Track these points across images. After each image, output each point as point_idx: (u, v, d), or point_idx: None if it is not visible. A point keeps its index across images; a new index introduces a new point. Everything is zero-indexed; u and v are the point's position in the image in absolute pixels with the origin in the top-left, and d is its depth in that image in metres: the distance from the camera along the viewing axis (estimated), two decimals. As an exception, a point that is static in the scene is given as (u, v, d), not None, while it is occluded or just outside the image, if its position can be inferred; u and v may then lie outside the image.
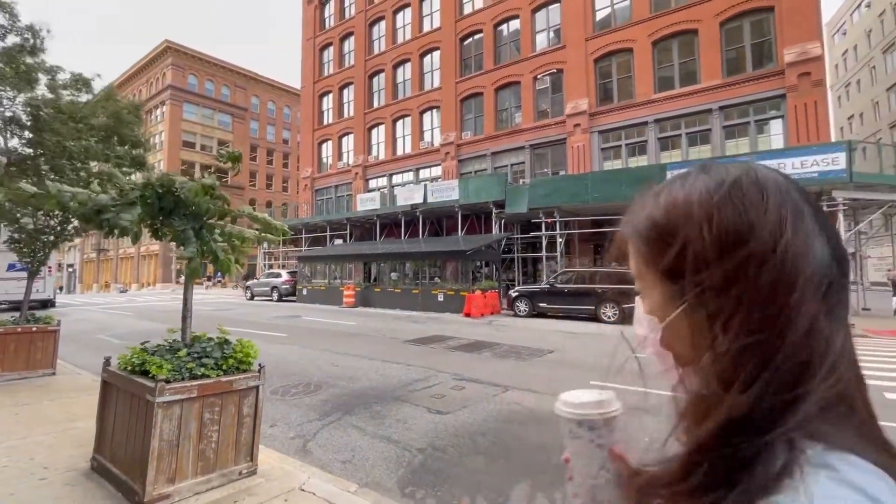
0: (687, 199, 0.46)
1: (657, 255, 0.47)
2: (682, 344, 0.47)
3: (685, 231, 0.44)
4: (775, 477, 0.36)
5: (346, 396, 5.61)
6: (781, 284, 0.40)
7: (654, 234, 0.47)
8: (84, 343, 9.74)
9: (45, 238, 6.89)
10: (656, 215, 0.48)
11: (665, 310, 0.47)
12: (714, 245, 0.42)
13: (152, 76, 46.39)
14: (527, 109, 21.89)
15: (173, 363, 2.94)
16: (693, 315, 0.45)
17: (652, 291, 0.49)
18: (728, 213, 0.43)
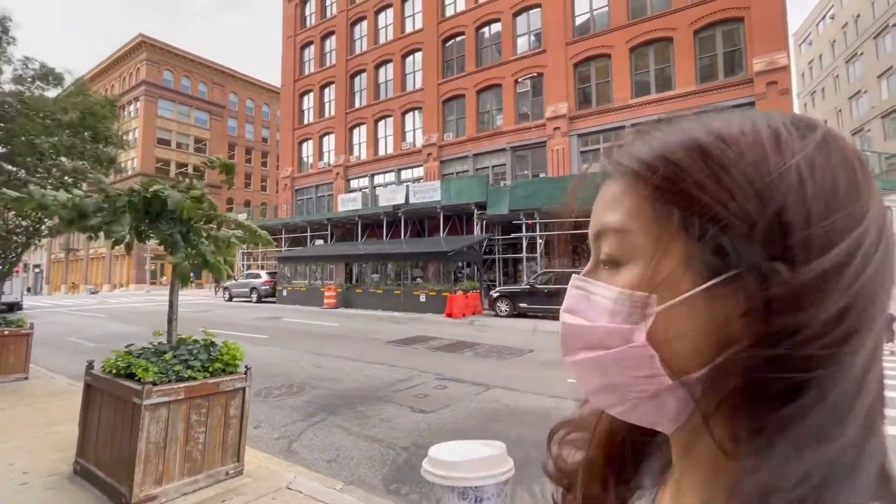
0: (772, 129, 0.32)
1: (693, 198, 0.31)
2: (689, 337, 0.32)
3: (761, 171, 0.30)
4: None
5: (329, 397, 5.66)
6: (882, 282, 0.30)
7: (697, 169, 0.31)
8: (56, 346, 9.48)
9: (17, 239, 6.73)
10: (706, 143, 0.32)
11: (679, 282, 0.32)
12: (813, 201, 0.29)
13: (125, 71, 45.09)
14: (508, 112, 22.16)
15: (160, 366, 2.97)
16: (730, 293, 0.30)
17: (659, 251, 0.33)
18: (831, 165, 0.30)
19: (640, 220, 0.34)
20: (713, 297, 0.31)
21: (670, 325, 0.32)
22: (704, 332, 0.31)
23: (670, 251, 0.32)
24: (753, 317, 0.29)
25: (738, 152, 0.31)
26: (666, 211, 0.32)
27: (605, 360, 0.34)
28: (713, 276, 0.31)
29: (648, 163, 0.34)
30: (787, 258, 0.29)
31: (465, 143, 23.40)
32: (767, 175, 0.30)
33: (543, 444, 0.51)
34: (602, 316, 0.35)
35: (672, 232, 0.32)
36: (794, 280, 0.28)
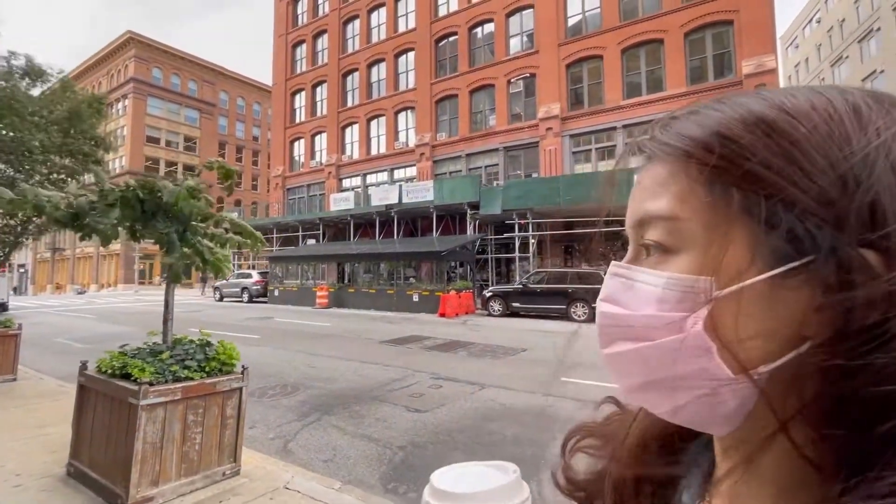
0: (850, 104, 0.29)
1: (758, 178, 0.28)
2: (753, 329, 0.29)
3: (841, 148, 0.27)
4: None
5: (324, 397, 5.65)
6: None
7: (762, 146, 0.29)
8: (43, 347, 9.33)
9: (5, 238, 6.63)
10: (772, 118, 0.29)
11: (742, 269, 0.29)
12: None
13: (113, 68, 44.44)
14: (501, 112, 22.23)
15: (156, 366, 2.95)
16: (802, 283, 0.27)
17: (718, 237, 0.30)
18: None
19: (692, 205, 0.31)
20: (783, 286, 0.28)
21: (732, 314, 0.29)
22: (773, 325, 0.28)
23: (731, 237, 0.29)
24: (832, 311, 0.26)
25: (812, 127, 0.28)
26: (725, 194, 0.29)
27: (651, 352, 0.31)
28: (783, 263, 0.27)
29: (703, 142, 0.31)
30: (877, 247, 0.25)
31: (457, 142, 23.43)
32: (850, 155, 0.27)
33: (539, 442, 0.45)
34: (649, 304, 0.32)
35: (732, 216, 0.29)
36: (889, 271, 0.25)
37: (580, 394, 5.60)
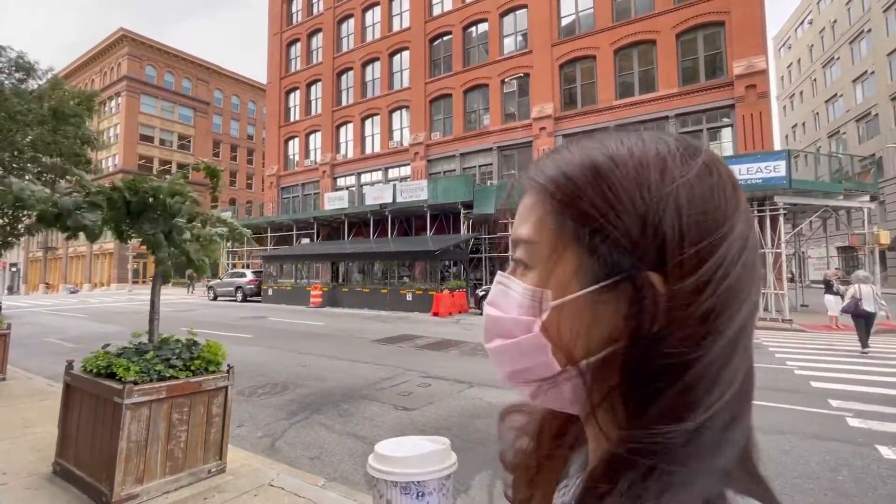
0: (659, 156, 0.36)
1: (583, 213, 0.35)
2: (575, 332, 0.36)
3: (643, 193, 0.34)
4: None
5: (313, 396, 5.69)
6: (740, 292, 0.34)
7: (589, 187, 0.36)
8: (34, 347, 9.31)
9: (-5, 236, 6.61)
10: (600, 164, 0.36)
11: (569, 285, 0.36)
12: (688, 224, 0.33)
13: (106, 66, 44.10)
14: (495, 112, 22.30)
15: (140, 365, 2.98)
16: (612, 298, 0.35)
17: (554, 258, 0.37)
18: (707, 190, 0.35)
19: (543, 231, 0.38)
20: (598, 300, 0.35)
21: (561, 320, 0.37)
22: (591, 330, 0.36)
23: (564, 258, 0.37)
24: (631, 319, 0.34)
25: (625, 174, 0.35)
26: (563, 223, 0.37)
27: (512, 348, 0.39)
28: (597, 282, 0.35)
29: (552, 179, 0.38)
30: (661, 271, 0.33)
31: (452, 142, 23.47)
32: (648, 197, 0.34)
33: None
34: (512, 308, 0.39)
35: (566, 242, 0.37)
36: (667, 291, 0.33)
37: (567, 392, 5.67)
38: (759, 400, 5.37)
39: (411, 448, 0.38)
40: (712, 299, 0.33)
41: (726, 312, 0.33)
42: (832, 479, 3.46)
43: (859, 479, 3.46)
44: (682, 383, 0.32)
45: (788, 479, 3.47)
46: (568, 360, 0.37)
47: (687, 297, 0.33)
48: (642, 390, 0.33)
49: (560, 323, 0.37)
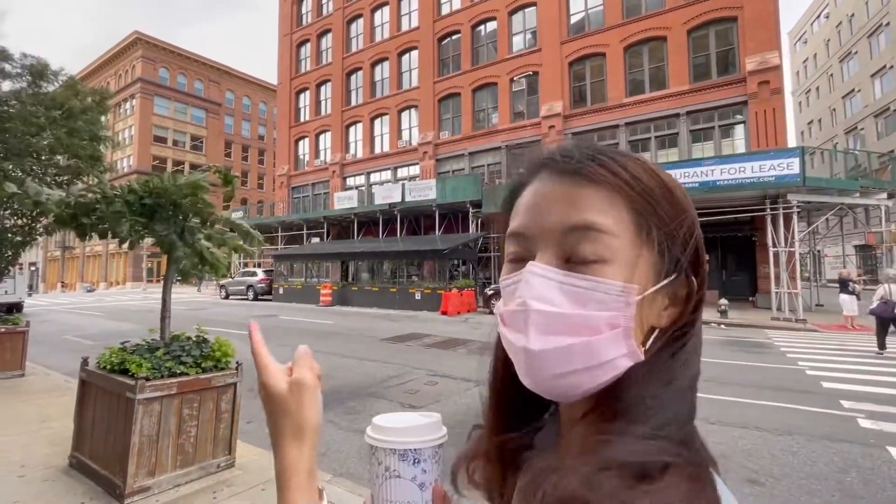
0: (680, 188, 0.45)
1: (661, 218, 0.41)
2: (644, 324, 0.41)
3: (689, 210, 0.43)
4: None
5: (321, 393, 5.76)
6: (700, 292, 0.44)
7: (663, 198, 0.42)
8: (52, 344, 9.55)
9: (13, 238, 6.80)
10: (665, 181, 0.43)
11: (645, 282, 0.40)
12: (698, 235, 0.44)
13: (121, 68, 44.87)
14: (503, 110, 22.25)
15: (152, 362, 3.06)
16: (667, 294, 0.43)
17: (635, 254, 0.40)
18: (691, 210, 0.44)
19: (623, 227, 0.40)
20: (659, 293, 0.42)
21: (641, 313, 0.40)
22: (648, 317, 0.42)
23: (643, 256, 0.40)
24: (672, 312, 0.43)
25: (680, 193, 0.44)
26: (643, 225, 0.41)
27: (589, 345, 0.38)
28: (666, 277, 0.42)
29: (631, 182, 0.41)
30: (696, 276, 0.43)
31: (460, 141, 23.48)
32: (691, 213, 0.44)
33: None
34: (586, 305, 0.39)
35: (643, 242, 0.40)
36: (697, 285, 0.43)
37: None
38: (769, 400, 5.34)
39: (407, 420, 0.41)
40: (702, 297, 0.44)
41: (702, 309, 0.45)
42: (840, 481, 3.43)
43: (868, 481, 3.42)
44: (681, 357, 0.42)
45: (795, 479, 3.44)
46: (639, 350, 0.41)
47: (699, 291, 0.43)
48: (663, 365, 0.41)
49: (640, 315, 0.41)
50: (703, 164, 14.35)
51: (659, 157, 18.20)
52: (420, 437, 0.51)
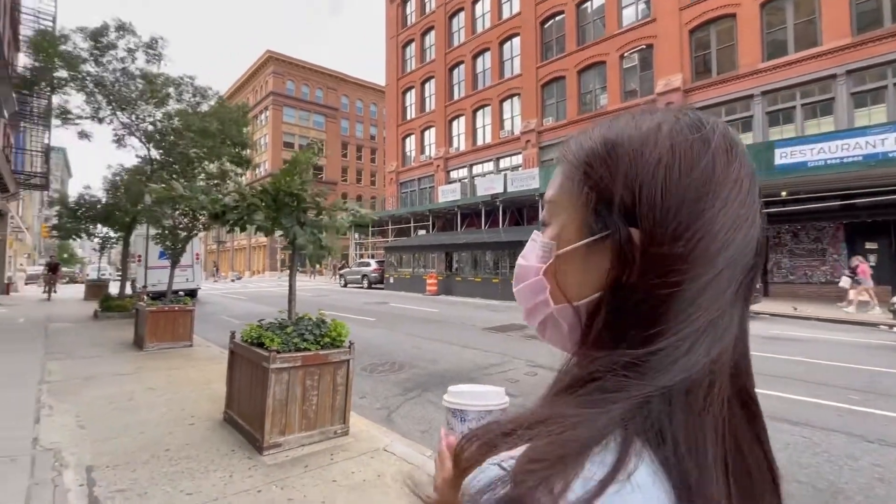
0: (659, 132, 0.41)
1: (591, 178, 0.42)
2: (571, 279, 0.43)
3: (635, 164, 0.40)
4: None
5: (426, 376, 6.09)
6: (716, 251, 0.37)
7: (598, 158, 0.42)
8: (211, 322, 11.46)
9: (181, 233, 8.29)
10: (609, 139, 0.42)
11: (572, 238, 0.43)
12: (667, 190, 0.38)
13: (257, 84, 51.50)
14: (613, 90, 20.80)
15: (282, 337, 3.55)
16: (605, 250, 0.40)
17: (565, 217, 0.44)
18: (694, 162, 0.39)
19: (561, 193, 0.46)
20: (592, 252, 0.42)
21: (563, 267, 0.44)
22: (584, 276, 0.43)
23: (572, 216, 0.44)
24: (614, 268, 0.40)
25: (625, 148, 0.41)
26: (579, 189, 0.43)
27: (526, 289, 0.48)
28: (591, 236, 0.42)
29: (573, 150, 0.46)
30: (643, 229, 0.38)
31: (565, 126, 22.53)
32: (639, 168, 0.40)
33: None
34: (533, 258, 0.48)
35: (576, 203, 0.43)
36: (645, 246, 0.38)
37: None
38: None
39: (468, 388, 0.49)
40: (683, 255, 0.37)
41: (695, 268, 0.37)
42: None
43: None
44: (647, 322, 0.37)
45: None
46: (565, 299, 0.44)
47: (661, 252, 0.38)
48: (620, 327, 0.39)
49: (561, 269, 0.44)
50: (869, 133, 11.86)
51: (807, 128, 15.48)
52: (467, 402, 0.59)
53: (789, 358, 6.96)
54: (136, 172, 12.10)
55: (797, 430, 4.07)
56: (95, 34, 10.72)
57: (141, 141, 11.66)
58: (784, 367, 6.33)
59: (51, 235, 21.93)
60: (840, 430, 4.07)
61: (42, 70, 11.19)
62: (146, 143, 11.61)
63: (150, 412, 4.26)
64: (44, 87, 11.92)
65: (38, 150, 19.75)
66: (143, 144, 11.65)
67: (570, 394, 0.39)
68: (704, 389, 0.36)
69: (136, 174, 11.94)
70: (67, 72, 10.70)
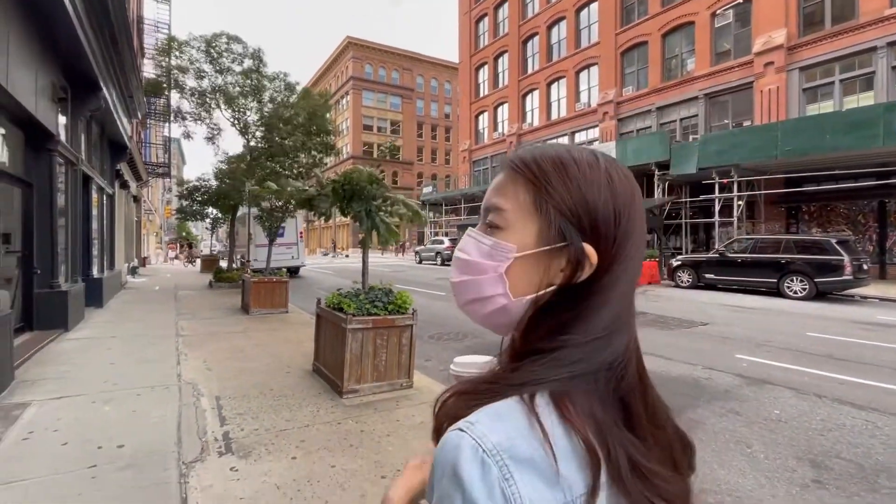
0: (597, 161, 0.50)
1: (548, 192, 0.48)
2: (524, 276, 0.50)
3: (589, 188, 0.48)
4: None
5: (485, 345, 6.58)
6: (630, 259, 0.48)
7: (553, 175, 0.48)
8: (303, 292, 12.93)
9: (277, 214, 9.50)
10: (564, 159, 0.49)
11: (529, 243, 0.49)
12: (606, 210, 0.47)
13: (338, 70, 54.07)
14: (702, 53, 19.09)
15: (357, 303, 4.22)
16: (556, 255, 0.48)
17: (521, 223, 0.49)
18: (615, 187, 0.48)
19: (515, 201, 0.50)
20: (549, 256, 0.49)
21: (519, 268, 0.50)
22: (537, 275, 0.49)
23: (528, 224, 0.49)
24: (567, 271, 0.48)
25: (577, 169, 0.49)
26: (531, 199, 0.49)
27: (476, 283, 0.51)
28: (549, 244, 0.48)
29: (527, 163, 0.50)
30: (594, 245, 0.47)
31: (647, 95, 21.20)
32: (589, 189, 0.48)
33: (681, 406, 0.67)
34: (483, 255, 0.51)
35: (531, 212, 0.49)
36: (595, 258, 0.47)
37: (750, 371, 5.13)
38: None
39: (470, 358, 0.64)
40: (615, 261, 0.48)
41: (620, 271, 0.48)
42: None
43: None
44: (584, 314, 0.47)
45: None
46: (517, 294, 0.50)
47: (604, 260, 0.48)
48: (560, 316, 0.48)
49: (518, 270, 0.50)
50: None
51: (945, 82, 13.14)
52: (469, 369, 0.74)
53: (881, 345, 6.42)
54: (239, 160, 13.78)
55: (861, 413, 3.96)
56: (209, 42, 12.35)
57: (241, 133, 13.25)
58: (871, 354, 5.90)
59: (173, 216, 25.58)
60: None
61: (164, 76, 13.11)
62: (245, 135, 13.18)
63: (257, 362, 5.25)
64: (164, 91, 13.93)
65: (159, 143, 22.95)
66: (243, 136, 13.23)
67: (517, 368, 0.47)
68: (622, 368, 0.48)
69: (240, 161, 13.60)
70: (181, 77, 12.48)
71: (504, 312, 0.51)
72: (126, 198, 16.64)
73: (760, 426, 3.71)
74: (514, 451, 0.40)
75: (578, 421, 0.43)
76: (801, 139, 13.29)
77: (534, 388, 0.44)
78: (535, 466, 0.40)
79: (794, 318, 8.72)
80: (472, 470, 0.40)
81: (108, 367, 4.96)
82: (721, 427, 3.69)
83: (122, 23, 6.68)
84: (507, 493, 0.39)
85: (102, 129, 10.72)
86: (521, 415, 0.43)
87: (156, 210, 39.43)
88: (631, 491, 0.43)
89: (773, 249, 12.23)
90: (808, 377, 4.96)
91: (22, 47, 5.20)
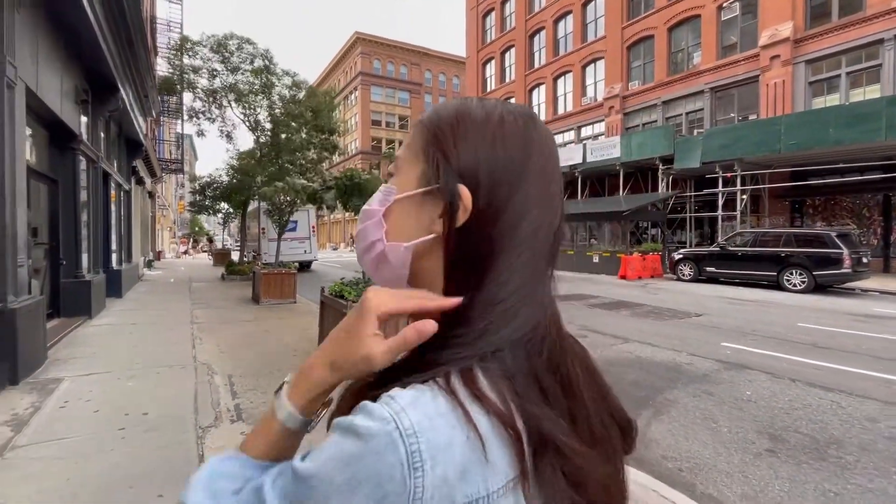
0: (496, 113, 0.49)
1: (436, 138, 0.48)
2: (400, 219, 0.49)
3: (472, 134, 0.47)
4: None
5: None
6: (524, 211, 0.46)
7: (444, 123, 0.49)
8: (309, 284, 13.34)
9: (286, 209, 9.89)
10: (460, 110, 0.49)
11: (410, 185, 0.49)
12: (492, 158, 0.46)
13: (347, 66, 54.37)
14: (708, 47, 19.06)
15: (357, 291, 4.56)
16: (437, 201, 0.46)
17: (408, 168, 0.50)
18: (511, 140, 0.47)
19: (410, 150, 0.51)
20: (428, 200, 0.48)
21: (400, 211, 0.49)
22: (417, 221, 0.48)
23: (413, 168, 0.50)
24: (444, 216, 0.46)
25: (469, 121, 0.48)
26: (425, 145, 0.49)
27: (369, 227, 0.51)
28: (427, 186, 0.48)
29: (428, 115, 0.52)
30: (469, 186, 0.45)
31: (653, 90, 21.22)
32: (474, 137, 0.47)
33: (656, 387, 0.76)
34: (377, 202, 0.51)
35: (419, 157, 0.49)
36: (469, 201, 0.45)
37: (732, 358, 5.38)
38: None
39: None
40: (499, 213, 0.45)
41: (507, 229, 0.45)
42: None
43: None
44: (473, 268, 0.45)
45: None
46: (393, 239, 0.49)
47: (484, 207, 0.45)
48: (448, 270, 0.47)
49: (397, 213, 0.50)
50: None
51: (953, 75, 13.06)
52: None
53: (867, 334, 6.61)
54: (249, 156, 14.19)
55: (829, 395, 4.21)
56: (220, 43, 12.73)
57: (251, 130, 13.65)
58: (855, 343, 6.11)
59: (186, 211, 26.22)
60: (879, 399, 4.13)
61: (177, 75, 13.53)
62: (254, 132, 13.57)
63: (266, 346, 5.64)
64: (177, 89, 14.36)
65: (172, 140, 23.52)
66: (253, 133, 13.63)
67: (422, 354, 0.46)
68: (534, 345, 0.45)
69: (250, 157, 14.00)
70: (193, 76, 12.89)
71: (384, 261, 0.50)
72: (141, 193, 17.21)
73: (730, 405, 3.99)
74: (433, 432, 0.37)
75: (491, 398, 0.40)
76: (804, 133, 13.32)
77: (445, 369, 0.42)
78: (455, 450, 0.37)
79: (789, 310, 8.90)
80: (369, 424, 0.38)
81: (130, 349, 5.38)
82: (693, 406, 3.97)
83: (137, 23, 7.06)
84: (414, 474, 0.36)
85: (120, 127, 11.19)
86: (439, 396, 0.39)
87: (169, 205, 40.29)
88: (545, 470, 0.41)
89: (774, 243, 12.36)
90: (787, 363, 5.21)
91: (50, 54, 5.60)
